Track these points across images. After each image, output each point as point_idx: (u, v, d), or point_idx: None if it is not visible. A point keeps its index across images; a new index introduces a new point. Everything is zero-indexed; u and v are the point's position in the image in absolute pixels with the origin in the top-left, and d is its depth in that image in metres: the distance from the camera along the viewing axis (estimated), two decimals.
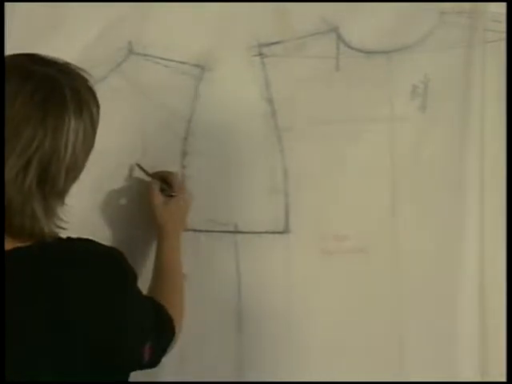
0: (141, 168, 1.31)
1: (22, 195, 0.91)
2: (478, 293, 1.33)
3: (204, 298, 1.37)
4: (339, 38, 1.31)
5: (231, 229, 1.37)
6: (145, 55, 1.32)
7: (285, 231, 1.36)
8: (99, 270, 0.97)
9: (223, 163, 1.36)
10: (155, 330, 1.07)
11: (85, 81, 0.97)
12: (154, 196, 1.28)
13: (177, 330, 1.16)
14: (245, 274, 1.37)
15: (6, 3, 1.26)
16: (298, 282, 1.37)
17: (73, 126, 0.92)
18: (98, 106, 0.99)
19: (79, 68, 0.98)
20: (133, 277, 1.03)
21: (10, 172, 0.90)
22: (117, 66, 1.31)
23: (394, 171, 1.33)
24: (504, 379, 1.23)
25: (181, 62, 1.33)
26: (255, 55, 1.33)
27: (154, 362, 1.09)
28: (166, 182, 1.30)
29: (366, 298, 1.36)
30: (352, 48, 1.32)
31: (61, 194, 0.95)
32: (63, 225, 0.98)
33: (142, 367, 1.05)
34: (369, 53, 1.31)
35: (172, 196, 1.29)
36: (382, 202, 1.34)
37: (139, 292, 1.05)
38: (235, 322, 1.37)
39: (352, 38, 1.31)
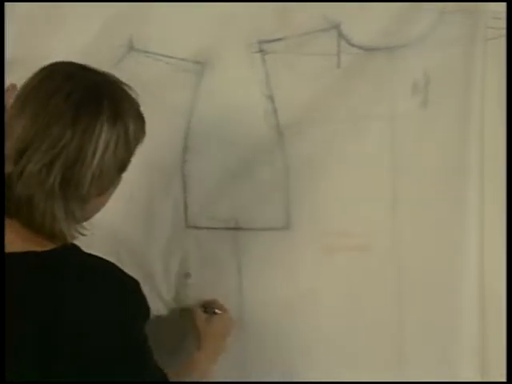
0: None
1: (44, 193, 0.92)
2: (479, 289, 1.32)
3: (205, 295, 1.38)
4: (340, 35, 1.31)
5: (232, 225, 1.37)
6: (145, 52, 1.34)
7: (286, 228, 1.36)
8: (108, 299, 0.95)
9: (224, 160, 1.36)
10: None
11: (128, 96, 0.99)
12: (196, 314, 1.31)
13: None
14: (246, 271, 1.37)
15: (5, 3, 1.27)
16: (299, 279, 1.36)
17: (104, 135, 0.93)
18: (138, 126, 0.99)
19: (126, 84, 1.00)
20: (145, 316, 1.00)
21: (34, 167, 0.91)
22: (117, 63, 1.33)
23: (395, 168, 1.33)
24: (504, 379, 1.22)
25: (181, 59, 1.34)
26: (256, 52, 1.33)
27: None
28: (208, 307, 1.33)
29: (368, 294, 1.35)
30: (353, 45, 1.31)
31: (83, 200, 0.95)
32: (84, 231, 0.99)
33: None
34: (370, 50, 1.30)
35: (215, 313, 1.32)
36: (384, 199, 1.33)
37: (145, 335, 1.00)
38: (237, 319, 1.37)
39: (353, 35, 1.30)
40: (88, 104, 0.93)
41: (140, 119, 1.00)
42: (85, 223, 1.00)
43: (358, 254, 1.35)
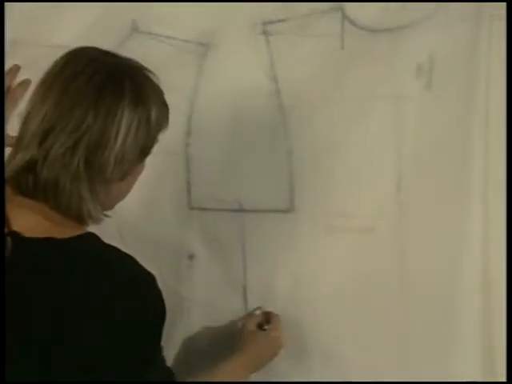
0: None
1: (70, 175, 0.93)
2: (482, 272, 1.32)
3: (210, 276, 1.39)
4: (344, 16, 1.30)
5: (236, 207, 1.38)
6: (149, 33, 1.33)
7: (290, 210, 1.36)
8: (124, 294, 0.94)
9: (227, 142, 1.36)
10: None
11: (151, 82, 1.00)
12: (248, 323, 1.30)
13: None
14: (250, 252, 1.37)
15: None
16: (304, 260, 1.37)
17: (126, 118, 0.94)
18: (161, 112, 1.01)
19: (150, 71, 1.02)
20: (159, 314, 0.98)
21: (58, 150, 0.92)
22: (121, 45, 1.32)
23: (399, 149, 1.32)
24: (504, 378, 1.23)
25: (185, 41, 1.34)
26: (260, 33, 1.33)
27: None
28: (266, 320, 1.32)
29: (371, 276, 1.35)
30: (357, 26, 1.30)
31: (107, 183, 0.96)
32: (108, 213, 1.01)
33: None
34: (374, 31, 1.30)
35: (264, 330, 1.30)
36: (388, 180, 1.33)
37: (160, 336, 0.99)
38: (241, 301, 1.39)
39: (357, 16, 1.29)
40: (110, 87, 0.94)
41: (163, 106, 1.02)
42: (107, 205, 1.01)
43: (362, 235, 1.34)
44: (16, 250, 0.93)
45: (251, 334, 1.28)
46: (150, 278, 0.97)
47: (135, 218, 1.39)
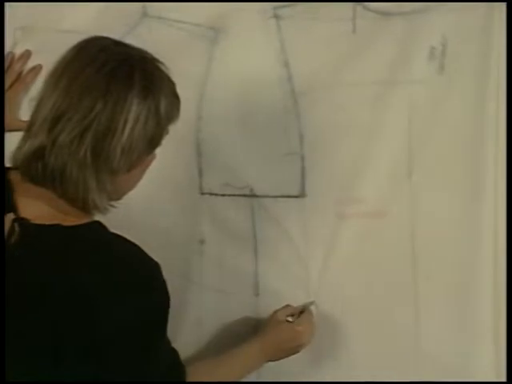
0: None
1: (77, 163, 0.93)
2: (494, 254, 1.32)
3: (220, 261, 1.39)
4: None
5: (247, 192, 1.38)
6: (159, 18, 1.33)
7: (301, 195, 1.36)
8: (129, 282, 0.95)
9: (238, 127, 1.36)
10: (165, 373, 1.02)
11: (161, 73, 1.00)
12: (280, 312, 1.29)
13: None
14: (261, 238, 1.38)
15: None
16: (314, 245, 1.37)
17: (135, 108, 0.94)
18: (171, 104, 1.00)
19: (161, 62, 1.02)
20: (163, 302, 0.98)
21: (66, 137, 0.93)
22: (131, 30, 1.33)
23: (410, 134, 1.32)
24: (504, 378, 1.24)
25: (195, 25, 1.34)
26: (271, 17, 1.32)
27: None
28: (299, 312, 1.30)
29: (382, 260, 1.35)
30: (369, 10, 1.29)
31: (113, 173, 0.96)
32: (114, 203, 1.01)
33: None
34: (386, 14, 1.29)
35: (290, 322, 1.28)
36: (399, 165, 1.33)
37: (165, 324, 0.99)
38: (252, 286, 1.39)
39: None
40: (120, 76, 0.94)
41: (174, 98, 1.02)
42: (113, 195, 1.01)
43: (373, 220, 1.35)
44: (23, 236, 0.93)
45: (277, 322, 1.27)
46: (154, 267, 0.97)
47: (147, 203, 1.38)
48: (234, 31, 1.33)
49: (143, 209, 1.39)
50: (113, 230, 1.00)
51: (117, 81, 0.94)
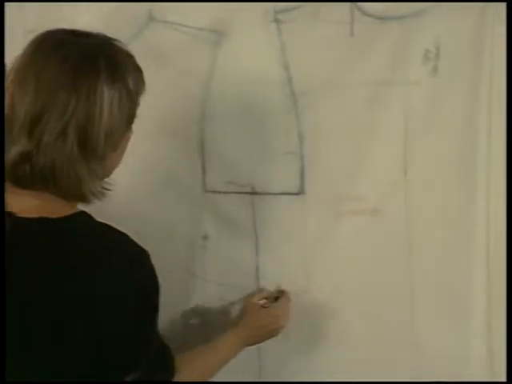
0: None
1: (65, 158, 0.94)
2: (487, 252, 1.35)
3: (223, 256, 1.43)
4: (353, 4, 1.33)
5: (249, 190, 1.41)
6: (164, 22, 1.36)
7: (300, 192, 1.39)
8: (117, 269, 0.95)
9: (241, 127, 1.39)
10: (153, 361, 1.02)
11: (121, 51, 0.99)
12: (254, 297, 1.31)
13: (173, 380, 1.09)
14: (262, 233, 1.41)
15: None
16: (313, 242, 1.40)
17: (107, 94, 0.94)
18: (136, 78, 0.99)
19: (117, 40, 1.01)
20: (152, 290, 0.98)
21: (49, 137, 0.92)
22: (138, 33, 1.36)
23: (406, 133, 1.35)
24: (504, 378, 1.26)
25: (199, 29, 1.37)
26: (272, 21, 1.36)
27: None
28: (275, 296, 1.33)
29: (379, 257, 1.39)
30: (366, 14, 1.33)
31: (101, 158, 0.97)
32: (108, 186, 1.01)
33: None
34: (382, 19, 1.32)
35: (266, 307, 1.30)
36: (395, 164, 1.36)
37: (154, 312, 0.99)
38: (253, 280, 1.42)
39: (366, 4, 1.32)
40: (85, 67, 0.94)
41: (137, 71, 1.01)
42: (106, 179, 1.02)
43: (370, 217, 1.38)
44: (13, 230, 0.94)
45: (253, 308, 1.30)
46: (143, 255, 0.97)
47: (152, 201, 1.42)
48: (236, 35, 1.36)
49: (148, 206, 1.42)
50: (119, 225, 1.01)
51: (83, 72, 0.93)
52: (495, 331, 1.36)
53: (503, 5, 1.28)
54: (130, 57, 1.00)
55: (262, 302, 1.31)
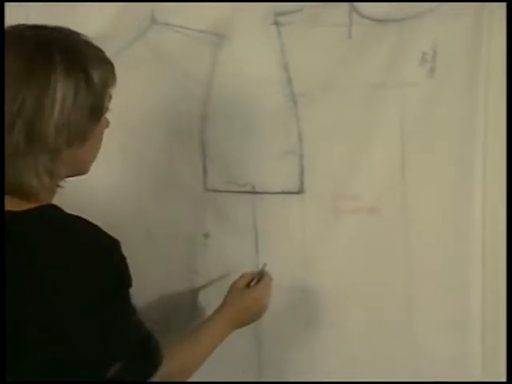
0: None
1: (11, 150, 0.93)
2: (482, 248, 1.36)
3: (224, 254, 1.45)
4: (352, 7, 1.35)
5: (249, 189, 1.43)
6: (166, 24, 1.38)
7: (299, 191, 1.41)
8: (86, 260, 0.93)
9: (241, 127, 1.41)
10: (134, 353, 0.99)
11: (85, 45, 0.98)
12: (239, 279, 1.31)
13: (162, 371, 1.04)
14: (262, 231, 1.43)
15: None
16: (312, 240, 1.42)
17: (61, 86, 0.93)
18: (103, 71, 0.98)
19: (83, 35, 0.99)
20: (122, 280, 0.96)
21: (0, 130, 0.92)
22: (140, 36, 1.38)
23: (403, 133, 1.37)
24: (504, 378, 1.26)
25: (201, 31, 1.39)
26: (272, 24, 1.38)
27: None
28: (258, 278, 1.32)
29: (376, 255, 1.40)
30: (364, 17, 1.35)
31: (52, 152, 0.95)
32: (61, 183, 1.00)
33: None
34: (380, 21, 1.34)
35: (252, 286, 1.30)
36: (393, 163, 1.38)
37: (126, 302, 0.98)
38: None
39: (364, 7, 1.34)
40: (38, 59, 0.93)
41: (105, 64, 0.99)
42: (59, 174, 0.98)
43: (368, 216, 1.40)
44: None
45: (237, 291, 1.29)
46: (114, 244, 0.95)
47: (154, 200, 1.44)
48: (236, 37, 1.39)
49: (150, 205, 1.45)
50: (122, 225, 1.06)
51: (36, 64, 0.93)
52: (493, 331, 1.37)
53: (499, 7, 1.29)
54: (95, 50, 0.99)
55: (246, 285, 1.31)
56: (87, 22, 1.34)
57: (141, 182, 1.43)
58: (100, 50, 1.00)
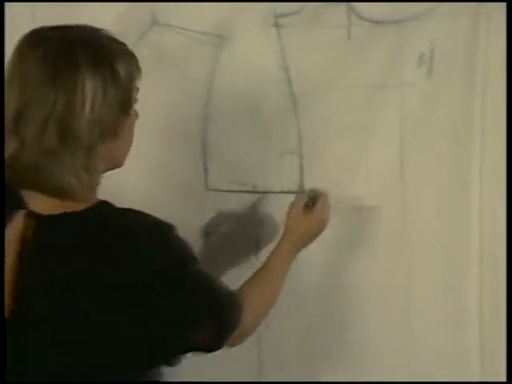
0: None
1: (46, 153, 0.94)
2: (480, 247, 1.38)
3: (225, 252, 1.46)
4: (351, 9, 1.36)
5: (249, 189, 1.44)
6: (168, 26, 1.39)
7: (299, 191, 1.42)
8: (148, 243, 0.97)
9: (242, 127, 1.43)
10: (215, 313, 1.03)
11: (108, 41, 0.99)
12: (295, 205, 1.30)
13: (247, 319, 1.10)
14: (262, 230, 1.44)
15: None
16: None
17: (88, 84, 0.94)
18: (128, 63, 0.99)
19: (105, 30, 1.01)
20: (185, 253, 1.01)
21: (31, 132, 0.94)
22: (141, 37, 1.39)
23: (402, 133, 1.38)
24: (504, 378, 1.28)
25: (202, 33, 1.40)
26: (272, 25, 1.39)
27: (212, 348, 1.06)
28: (312, 199, 1.32)
29: (377, 254, 1.42)
30: (362, 18, 1.36)
31: (88, 148, 0.97)
32: (99, 180, 1.01)
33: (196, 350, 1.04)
34: (378, 23, 1.36)
35: (311, 209, 1.30)
36: (392, 163, 1.39)
37: (193, 271, 1.01)
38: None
39: (362, 9, 1.36)
40: (63, 60, 0.94)
41: (129, 57, 1.00)
42: (96, 172, 1.00)
43: (367, 215, 1.41)
44: (38, 229, 0.97)
45: (299, 215, 1.29)
46: (172, 228, 1.00)
47: (156, 199, 1.45)
48: (237, 38, 1.40)
49: (152, 204, 1.42)
50: None
51: (62, 65, 0.94)
52: (492, 331, 1.38)
53: (496, 7, 1.31)
54: (119, 44, 1.01)
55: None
56: (90, 22, 1.35)
57: (141, 182, 1.44)
58: (123, 44, 1.01)
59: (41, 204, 0.98)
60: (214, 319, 1.02)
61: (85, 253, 0.96)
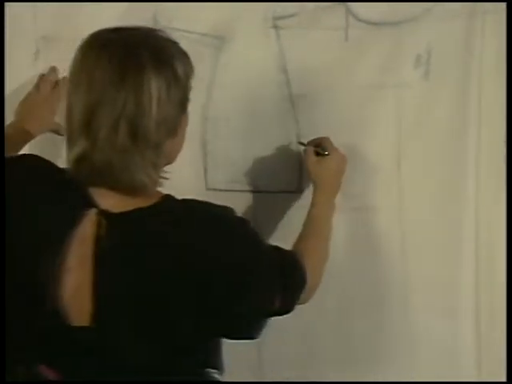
0: (301, 143, 1.40)
1: (119, 152, 0.97)
2: (476, 246, 1.41)
3: None
4: (348, 11, 1.38)
5: (249, 188, 1.46)
6: (169, 28, 1.38)
7: (298, 190, 1.44)
8: (220, 228, 1.02)
9: (241, 128, 1.44)
10: (284, 282, 1.09)
11: (166, 40, 1.03)
12: (308, 156, 1.34)
13: (311, 279, 1.18)
14: (262, 229, 1.40)
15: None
16: None
17: (154, 83, 0.97)
18: (184, 63, 1.02)
19: (160, 30, 1.05)
20: (253, 231, 1.06)
21: (103, 133, 0.97)
22: None
23: (399, 134, 1.41)
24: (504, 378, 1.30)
25: (202, 34, 1.42)
26: (271, 27, 1.41)
27: (285, 311, 1.14)
28: (319, 146, 1.35)
29: (373, 252, 1.44)
30: (360, 20, 1.38)
31: (157, 146, 1.00)
32: (166, 175, 1.06)
33: (273, 315, 1.10)
34: (375, 24, 1.38)
35: (325, 156, 1.33)
36: (389, 163, 1.42)
37: (260, 244, 1.07)
38: None
39: (360, 10, 1.38)
40: (129, 61, 0.97)
41: (184, 56, 1.04)
42: (164, 168, 1.06)
43: (365, 213, 1.44)
44: (111, 227, 0.99)
45: (315, 167, 1.34)
46: (232, 211, 1.06)
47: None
48: (237, 40, 1.42)
49: None
50: None
51: (128, 66, 0.97)
52: (491, 331, 1.41)
53: (492, 8, 1.33)
54: (174, 43, 1.04)
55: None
56: (90, 26, 1.36)
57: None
58: (177, 43, 1.04)
59: (111, 201, 1.01)
60: (285, 281, 1.09)
61: (160, 247, 0.98)
